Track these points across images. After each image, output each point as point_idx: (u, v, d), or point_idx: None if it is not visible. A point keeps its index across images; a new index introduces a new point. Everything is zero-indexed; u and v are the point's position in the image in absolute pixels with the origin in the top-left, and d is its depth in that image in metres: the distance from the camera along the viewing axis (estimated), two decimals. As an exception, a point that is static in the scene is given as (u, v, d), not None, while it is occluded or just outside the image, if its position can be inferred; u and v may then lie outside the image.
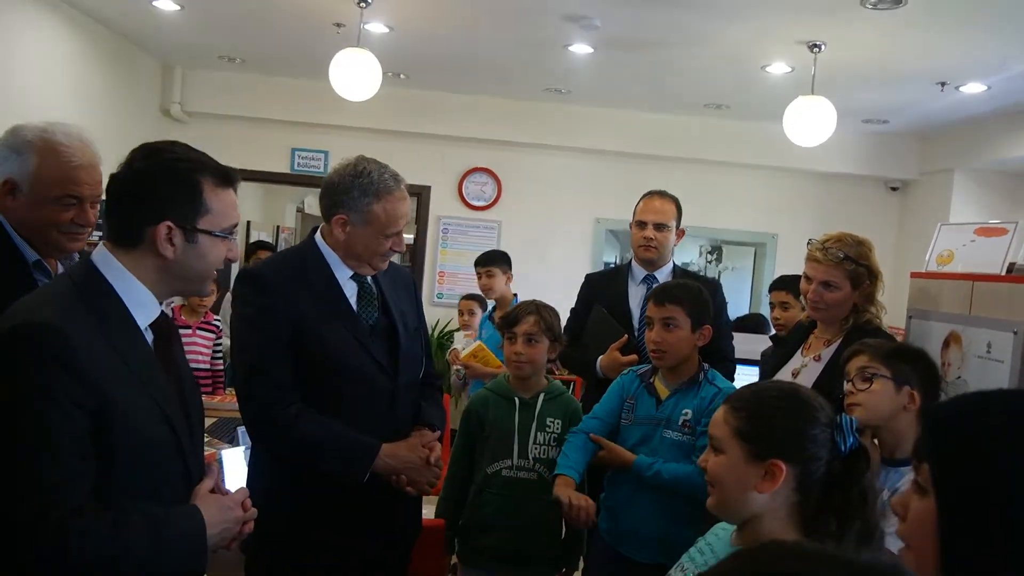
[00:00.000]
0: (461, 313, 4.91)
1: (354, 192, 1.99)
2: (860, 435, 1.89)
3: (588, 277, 3.31)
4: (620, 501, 2.32)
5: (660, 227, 2.99)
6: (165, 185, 1.40)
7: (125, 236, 1.41)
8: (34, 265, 1.78)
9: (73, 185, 1.76)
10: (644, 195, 3.11)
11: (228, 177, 1.47)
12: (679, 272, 3.12)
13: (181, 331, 3.89)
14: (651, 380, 2.38)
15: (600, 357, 2.90)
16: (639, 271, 3.08)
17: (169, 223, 1.39)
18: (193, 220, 1.41)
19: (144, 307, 1.42)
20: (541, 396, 2.46)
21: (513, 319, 2.45)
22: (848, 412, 1.91)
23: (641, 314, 2.92)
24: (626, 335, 2.90)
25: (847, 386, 1.97)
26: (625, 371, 2.52)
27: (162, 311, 1.48)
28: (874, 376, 1.92)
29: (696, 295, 2.34)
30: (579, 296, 3.21)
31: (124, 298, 1.39)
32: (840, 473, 1.33)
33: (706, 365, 2.36)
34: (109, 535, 1.26)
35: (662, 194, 3.07)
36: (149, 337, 1.44)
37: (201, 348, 4.04)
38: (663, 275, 3.05)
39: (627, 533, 2.29)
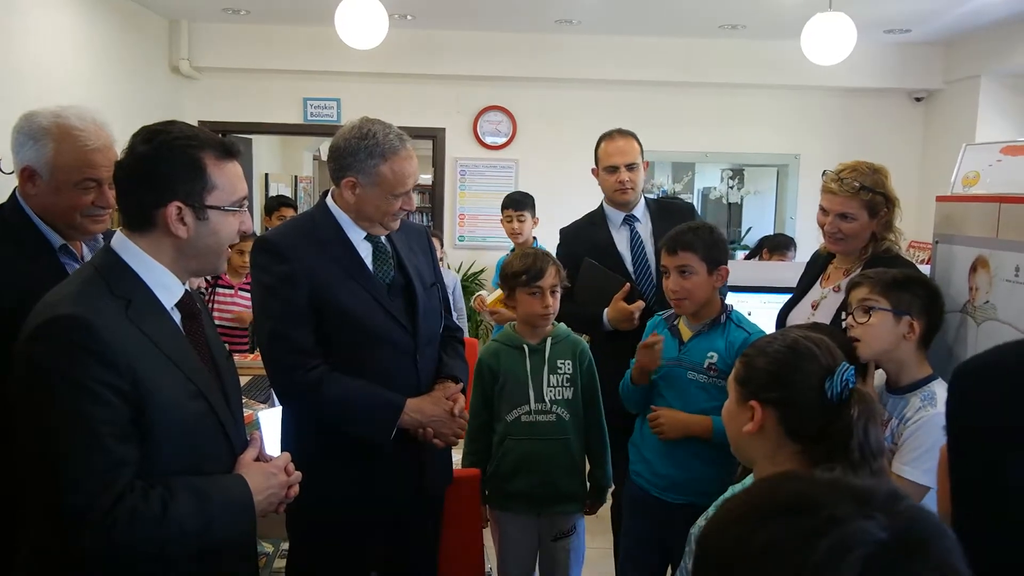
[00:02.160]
0: None
1: (360, 154, 2.00)
2: (864, 365, 1.90)
3: (563, 232, 3.15)
4: (652, 445, 2.36)
5: (631, 167, 2.95)
6: (168, 166, 1.41)
7: (138, 220, 1.43)
8: (60, 250, 1.80)
9: (91, 168, 1.77)
10: (603, 137, 3.03)
11: (229, 150, 1.48)
12: (652, 204, 3.07)
13: (225, 291, 4.04)
14: (675, 323, 2.40)
15: (606, 310, 2.83)
16: (616, 214, 3.02)
17: (178, 203, 1.41)
18: (200, 197, 1.43)
19: (167, 288, 1.45)
20: (548, 341, 2.50)
21: (536, 273, 2.44)
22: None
23: (635, 257, 2.92)
24: (627, 283, 2.84)
25: (847, 319, 1.96)
26: (653, 316, 2.54)
27: (186, 290, 1.50)
28: (872, 309, 1.92)
29: (708, 237, 2.32)
30: (558, 253, 2.98)
31: (146, 280, 1.42)
32: (836, 422, 1.29)
33: (729, 305, 2.38)
34: (157, 515, 1.30)
35: (622, 132, 3.00)
36: (176, 317, 1.48)
37: (243, 307, 4.11)
38: (640, 211, 3.02)
39: (659, 476, 2.34)
